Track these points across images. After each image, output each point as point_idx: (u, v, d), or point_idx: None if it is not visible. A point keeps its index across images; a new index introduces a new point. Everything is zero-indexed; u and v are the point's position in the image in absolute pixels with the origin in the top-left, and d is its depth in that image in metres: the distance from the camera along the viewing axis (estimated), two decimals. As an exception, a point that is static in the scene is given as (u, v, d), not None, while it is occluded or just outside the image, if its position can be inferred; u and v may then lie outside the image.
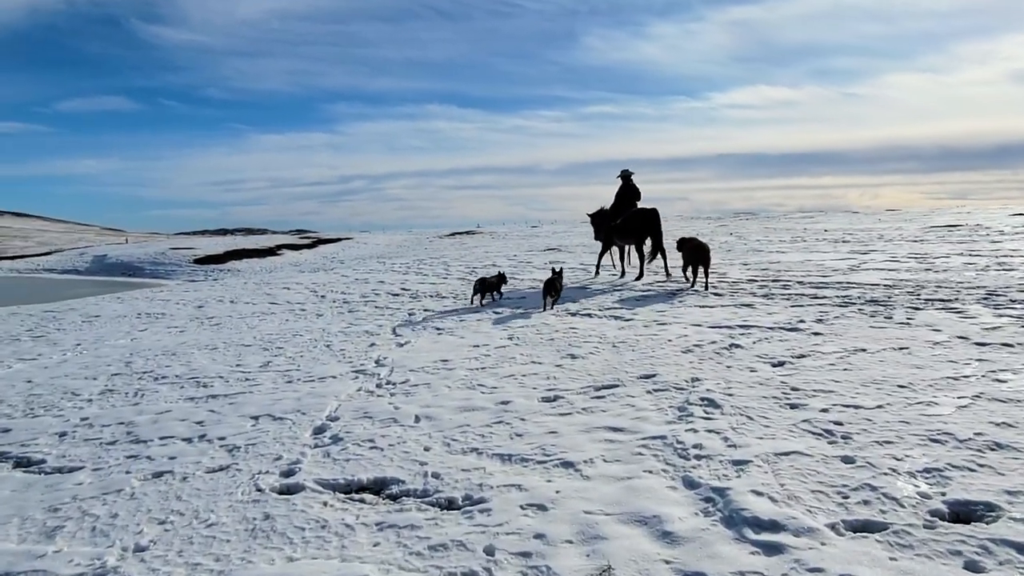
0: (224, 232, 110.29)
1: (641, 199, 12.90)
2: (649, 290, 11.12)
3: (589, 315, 9.14)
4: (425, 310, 10.91)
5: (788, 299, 9.21)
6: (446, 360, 6.95)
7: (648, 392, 5.27)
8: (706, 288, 10.54)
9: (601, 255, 13.63)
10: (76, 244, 66.01)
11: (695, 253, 10.54)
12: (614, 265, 13.60)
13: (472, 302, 11.02)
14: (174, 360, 8.23)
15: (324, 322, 10.51)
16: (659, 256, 12.29)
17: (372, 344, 8.25)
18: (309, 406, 5.63)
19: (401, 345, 8.05)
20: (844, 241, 19.36)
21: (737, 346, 6.53)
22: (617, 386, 5.51)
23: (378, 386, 6.16)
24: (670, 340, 7.04)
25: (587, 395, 5.36)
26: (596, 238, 13.48)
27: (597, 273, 13.57)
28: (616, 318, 8.76)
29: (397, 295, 13.26)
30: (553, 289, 10.03)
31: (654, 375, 5.71)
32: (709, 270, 10.71)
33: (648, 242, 12.29)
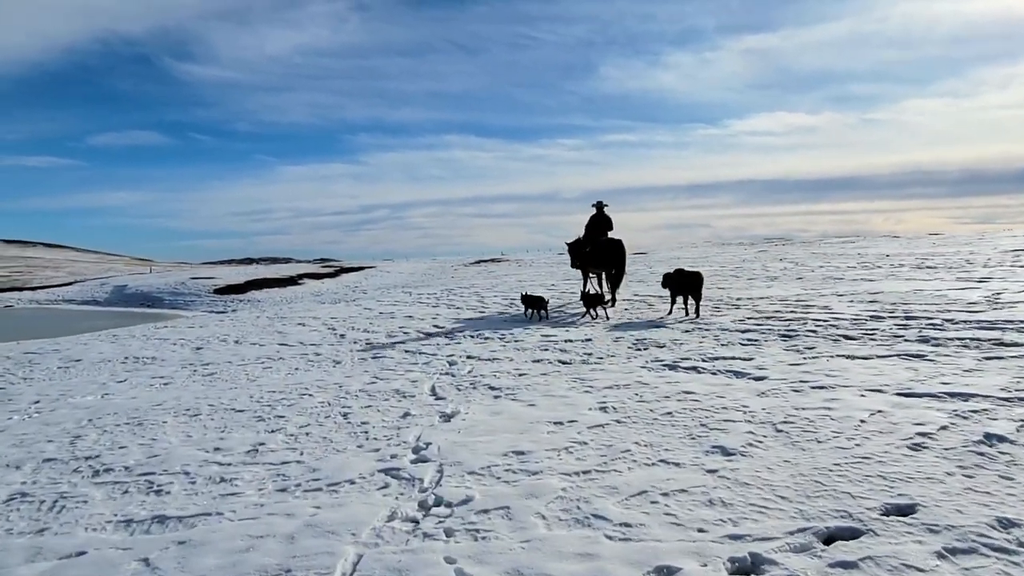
0: (249, 261, 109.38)
1: (612, 229, 12.92)
2: (742, 327, 8.57)
3: (695, 369, 6.62)
4: (468, 356, 8.43)
5: (963, 347, 6.61)
6: (521, 453, 4.44)
7: (937, 557, 2.71)
8: (697, 315, 10.22)
9: (585, 279, 13.39)
10: (105, 274, 64.82)
11: (688, 280, 10.43)
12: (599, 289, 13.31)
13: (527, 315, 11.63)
14: (135, 437, 5.80)
15: (342, 373, 8.07)
16: (612, 284, 12.56)
17: (406, 414, 5.78)
18: (305, 560, 3.14)
19: (447, 418, 5.56)
20: (930, 267, 16.65)
21: (1001, 438, 3.95)
22: (859, 532, 2.96)
23: (423, 510, 3.67)
24: (863, 421, 4.48)
25: (813, 557, 2.81)
26: (572, 266, 13.72)
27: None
28: (737, 374, 6.24)
29: (430, 335, 10.81)
30: (600, 302, 10.90)
31: (912, 506, 3.16)
32: (700, 296, 10.44)
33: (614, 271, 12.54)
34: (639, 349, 8.04)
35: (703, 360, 7.03)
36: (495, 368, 7.52)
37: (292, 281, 37.51)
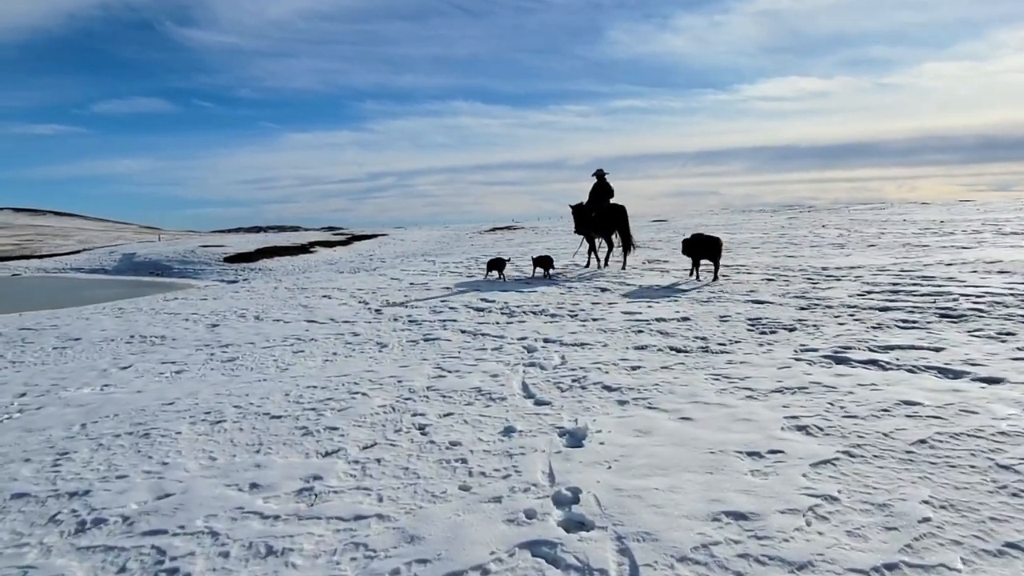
0: (258, 229, 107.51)
1: (613, 196, 12.99)
2: (872, 304, 6.87)
3: (876, 363, 4.95)
4: (546, 340, 6.76)
5: None
6: (740, 516, 2.78)
7: None
8: (715, 278, 10.16)
9: (587, 244, 13.68)
10: (114, 242, 63.15)
11: (705, 245, 10.28)
12: (594, 253, 13.70)
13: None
14: (139, 458, 4.16)
15: (394, 362, 6.41)
16: (622, 249, 12.79)
17: (508, 429, 4.12)
18: None
19: (573, 438, 3.90)
20: (1015, 232, 14.87)
21: None
22: None
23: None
24: None
25: None
26: (576, 231, 13.62)
27: (588, 264, 13.70)
28: (944, 371, 4.59)
29: (480, 309, 9.13)
30: (550, 264, 12.15)
31: None
32: (719, 261, 10.33)
33: (616, 235, 12.83)
34: (763, 332, 6.36)
35: (871, 349, 5.34)
36: (592, 357, 5.84)
37: (304, 249, 35.78)
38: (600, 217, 12.69)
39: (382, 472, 3.60)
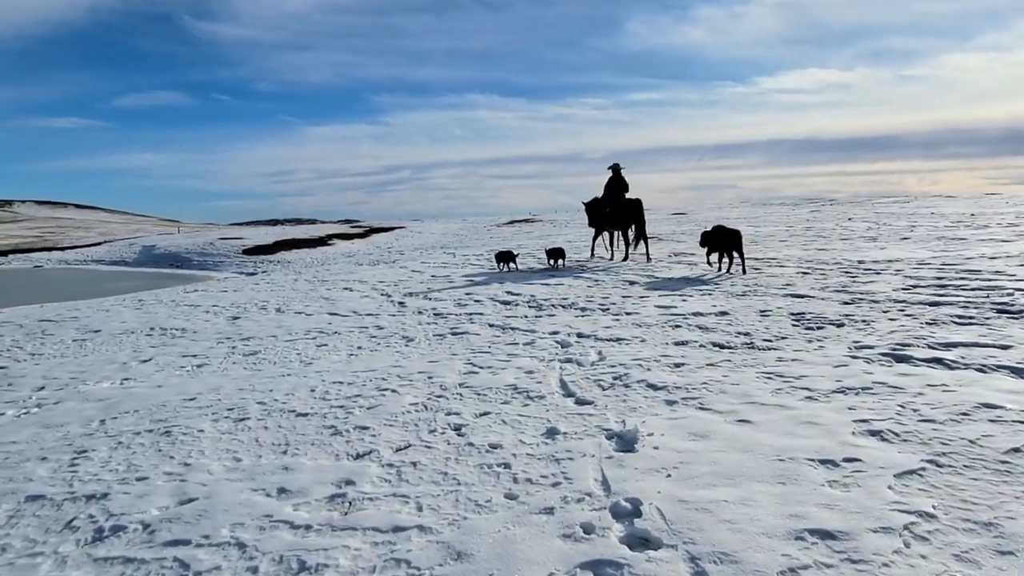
0: (275, 222, 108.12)
1: (628, 190, 12.91)
2: (922, 299, 6.48)
3: (940, 362, 4.60)
4: (580, 335, 6.46)
5: None
6: (827, 535, 2.47)
7: None
8: (743, 271, 9.93)
9: (594, 239, 13.66)
10: (134, 235, 63.71)
11: (728, 238, 10.03)
12: (606, 248, 13.76)
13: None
14: (160, 458, 3.93)
15: (422, 356, 6.15)
16: (642, 242, 12.71)
17: (551, 430, 3.83)
18: None
19: (623, 441, 3.60)
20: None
21: None
22: None
23: None
24: None
25: None
26: (590, 225, 13.54)
27: (592, 255, 13.54)
28: (1020, 372, 4.19)
29: (507, 302, 8.85)
30: (561, 255, 12.61)
31: None
32: (744, 254, 10.18)
33: (632, 229, 12.74)
34: (810, 327, 6.01)
35: (931, 347, 4.98)
36: (631, 353, 5.54)
37: (322, 242, 35.70)
38: (615, 212, 12.70)
39: (419, 477, 3.33)
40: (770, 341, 5.61)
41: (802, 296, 7.64)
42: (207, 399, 5.20)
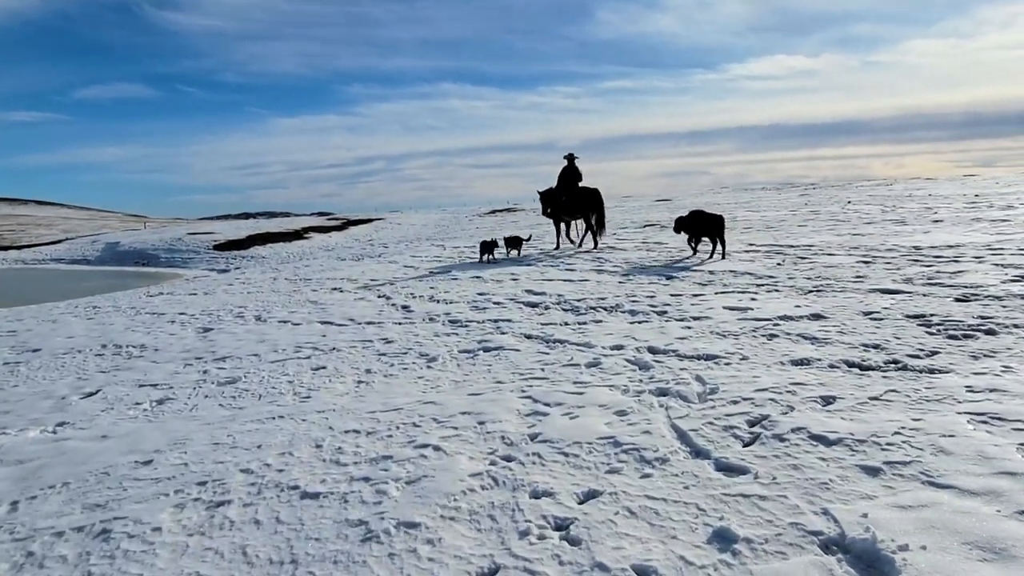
0: (247, 216, 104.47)
1: (582, 179, 13.00)
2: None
3: None
4: (650, 349, 5.03)
5: None
6: None
7: None
8: (723, 257, 9.43)
9: (557, 229, 13.53)
10: (98, 231, 60.41)
11: (710, 223, 9.64)
12: (568, 238, 13.62)
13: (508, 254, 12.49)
14: (84, 599, 2.35)
15: (455, 385, 4.64)
16: (594, 228, 12.75)
17: (720, 535, 2.37)
18: None
19: (855, 561, 2.14)
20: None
21: None
22: None
23: None
24: None
25: None
26: (543, 213, 13.60)
27: (558, 246, 13.33)
28: None
29: (534, 304, 7.38)
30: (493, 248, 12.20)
31: None
32: (725, 239, 9.69)
33: (594, 218, 12.72)
34: (954, 336, 4.68)
35: None
36: (743, 379, 4.10)
37: (297, 235, 33.65)
38: (572, 201, 12.77)
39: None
40: (920, 358, 4.23)
41: (894, 292, 6.32)
42: (169, 462, 3.62)
